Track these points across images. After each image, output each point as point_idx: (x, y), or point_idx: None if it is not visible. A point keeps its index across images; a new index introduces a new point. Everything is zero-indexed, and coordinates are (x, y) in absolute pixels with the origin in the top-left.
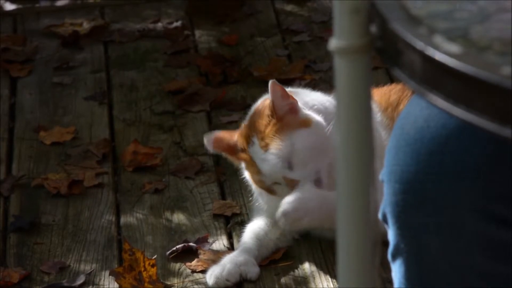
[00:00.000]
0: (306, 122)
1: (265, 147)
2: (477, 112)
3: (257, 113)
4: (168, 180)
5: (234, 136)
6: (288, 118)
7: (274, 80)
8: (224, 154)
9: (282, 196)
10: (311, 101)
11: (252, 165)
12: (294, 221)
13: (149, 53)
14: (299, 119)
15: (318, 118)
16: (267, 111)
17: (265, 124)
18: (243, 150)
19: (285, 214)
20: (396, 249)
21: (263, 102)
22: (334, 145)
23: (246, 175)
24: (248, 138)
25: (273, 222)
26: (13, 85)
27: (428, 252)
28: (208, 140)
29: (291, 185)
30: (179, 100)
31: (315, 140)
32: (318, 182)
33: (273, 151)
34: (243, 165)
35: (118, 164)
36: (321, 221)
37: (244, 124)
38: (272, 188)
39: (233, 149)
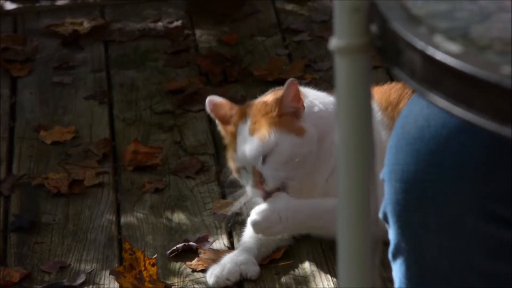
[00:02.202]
0: (300, 131)
1: (252, 131)
2: (477, 111)
3: (265, 100)
4: (169, 179)
5: (232, 108)
6: (287, 119)
7: (295, 80)
8: (217, 121)
9: (243, 184)
10: (317, 104)
11: (233, 141)
12: (265, 230)
13: (149, 53)
14: (295, 125)
15: (312, 132)
16: (272, 102)
17: (264, 112)
18: (234, 124)
19: (254, 223)
20: (396, 248)
21: (276, 92)
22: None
23: (226, 156)
24: (243, 115)
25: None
26: (13, 85)
27: (429, 252)
28: (209, 102)
29: (256, 178)
30: (179, 99)
31: (299, 152)
32: (281, 191)
33: (256, 138)
34: (226, 139)
35: (118, 164)
36: (297, 230)
37: (249, 102)
38: (239, 171)
39: (227, 119)
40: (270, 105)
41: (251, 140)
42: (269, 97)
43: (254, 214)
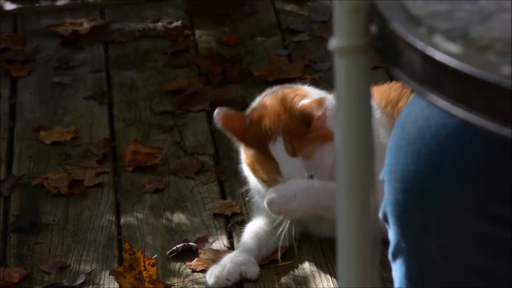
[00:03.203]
0: (330, 136)
1: (293, 152)
2: (477, 112)
3: (284, 110)
4: (168, 179)
5: (245, 119)
6: (320, 130)
7: (327, 96)
8: (229, 134)
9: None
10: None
11: (268, 161)
12: (281, 208)
13: (149, 53)
14: (326, 131)
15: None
16: (299, 115)
17: (296, 128)
18: (259, 142)
19: (271, 202)
20: (396, 248)
21: (292, 99)
22: None
23: (247, 165)
24: (269, 133)
25: (273, 222)
26: (13, 85)
27: (429, 252)
28: (218, 115)
29: None
30: (179, 100)
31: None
32: None
33: (302, 160)
34: (247, 153)
35: (118, 164)
36: (312, 207)
37: (257, 110)
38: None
39: (242, 133)
40: (299, 119)
41: (296, 162)
42: (288, 105)
43: (270, 194)
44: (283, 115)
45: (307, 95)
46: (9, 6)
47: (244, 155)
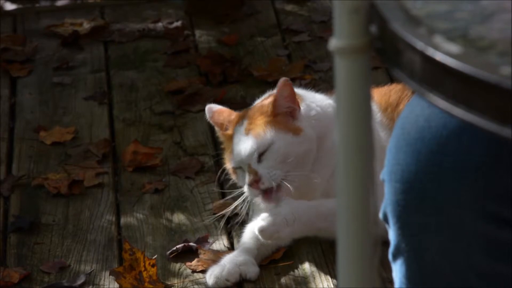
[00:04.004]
0: (297, 130)
1: (248, 131)
2: (477, 112)
3: (260, 103)
4: (168, 180)
5: (231, 114)
6: (283, 118)
7: (287, 79)
8: (216, 128)
9: (240, 183)
10: (314, 108)
11: (229, 142)
12: (272, 236)
13: (149, 53)
14: (291, 125)
15: (310, 132)
16: (267, 103)
17: (260, 113)
18: (231, 128)
19: (262, 230)
20: (397, 248)
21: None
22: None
23: (225, 159)
24: (240, 118)
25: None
26: (13, 85)
27: (429, 252)
28: (209, 110)
29: (252, 176)
30: (179, 100)
31: (295, 151)
32: (275, 190)
33: (252, 136)
34: (224, 143)
35: (118, 164)
36: (304, 232)
37: (249, 107)
38: (235, 171)
39: (225, 125)
40: (266, 106)
41: (246, 138)
42: (266, 99)
43: (261, 221)
44: (256, 106)
45: (301, 97)
46: (9, 6)
47: (224, 153)
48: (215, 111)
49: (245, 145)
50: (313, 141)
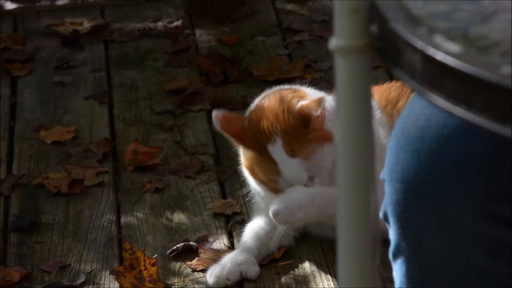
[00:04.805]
0: (330, 137)
1: (292, 153)
2: (477, 111)
3: (283, 111)
4: (169, 179)
5: (243, 121)
6: (318, 131)
7: (325, 97)
8: (228, 136)
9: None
10: (327, 106)
11: (268, 163)
12: (287, 219)
13: (150, 53)
14: (325, 132)
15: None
16: (298, 116)
17: (294, 128)
18: (257, 143)
19: (276, 214)
20: (397, 248)
21: (290, 100)
22: None
23: (246, 167)
24: (268, 134)
25: (274, 221)
26: (13, 85)
27: (429, 252)
28: (216, 117)
29: None
30: (179, 99)
31: (335, 158)
32: None
33: (301, 160)
34: (245, 155)
35: (118, 164)
36: (317, 216)
37: (255, 112)
38: (281, 190)
39: (241, 135)
40: (296, 120)
41: (296, 163)
42: (287, 106)
43: (275, 205)
44: (282, 116)
45: (306, 96)
46: (10, 6)
47: (243, 157)
48: (223, 118)
49: (297, 170)
50: None
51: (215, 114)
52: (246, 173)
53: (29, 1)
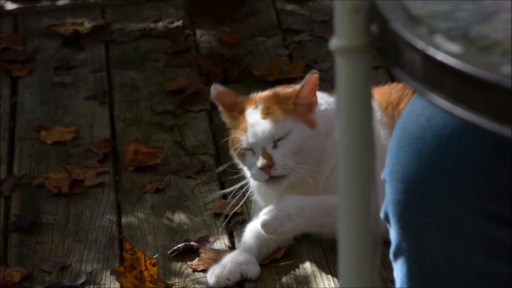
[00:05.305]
0: (313, 123)
1: (266, 114)
2: (478, 111)
3: (277, 92)
4: (169, 179)
5: (237, 97)
6: (302, 109)
7: (317, 75)
8: (220, 107)
9: (247, 167)
10: (323, 103)
11: (241, 122)
12: (275, 230)
13: (150, 53)
14: (309, 117)
15: (321, 127)
16: (287, 92)
17: (279, 99)
18: (243, 109)
19: (264, 224)
20: (398, 248)
21: (286, 88)
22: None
23: (230, 142)
24: (254, 103)
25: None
26: (14, 85)
27: (429, 252)
28: (214, 89)
29: (266, 160)
30: (179, 99)
31: (309, 143)
32: (284, 178)
33: (271, 120)
34: (230, 123)
35: (119, 164)
36: (307, 226)
37: (256, 94)
38: (244, 152)
39: (232, 106)
40: (286, 94)
41: (264, 122)
42: (280, 88)
43: (263, 215)
44: (272, 93)
45: None
46: (10, 6)
47: (231, 134)
48: (220, 91)
49: (263, 127)
50: (323, 137)
51: (214, 86)
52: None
53: (30, 2)
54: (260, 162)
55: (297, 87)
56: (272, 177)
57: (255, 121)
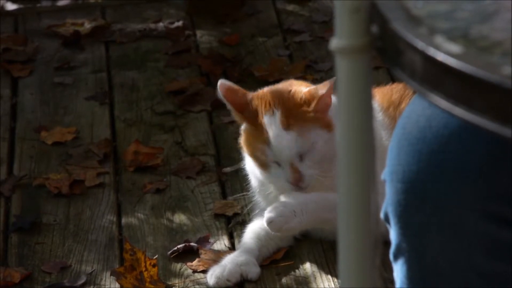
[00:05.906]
0: (330, 126)
1: (287, 126)
2: (478, 111)
3: (289, 91)
4: (169, 180)
5: (247, 95)
6: (321, 114)
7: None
8: (229, 106)
9: (272, 178)
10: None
11: (261, 133)
12: (281, 227)
13: (150, 53)
14: (326, 119)
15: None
16: (304, 96)
17: (296, 105)
18: (256, 116)
19: (270, 221)
20: (398, 248)
21: (297, 85)
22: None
23: (243, 144)
24: (268, 106)
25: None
26: (14, 85)
27: (430, 252)
28: (221, 86)
29: (294, 174)
30: (180, 100)
31: (332, 149)
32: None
33: (295, 135)
34: (244, 130)
35: (119, 164)
36: (312, 222)
37: (264, 90)
38: (268, 164)
39: (242, 106)
40: (304, 99)
41: (287, 134)
42: (295, 88)
43: (268, 213)
44: (286, 94)
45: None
46: (10, 6)
47: (242, 134)
48: (228, 88)
49: (288, 143)
50: None
51: (222, 82)
52: (244, 153)
53: (30, 2)
54: (290, 177)
55: (312, 89)
56: (302, 189)
57: (277, 134)
